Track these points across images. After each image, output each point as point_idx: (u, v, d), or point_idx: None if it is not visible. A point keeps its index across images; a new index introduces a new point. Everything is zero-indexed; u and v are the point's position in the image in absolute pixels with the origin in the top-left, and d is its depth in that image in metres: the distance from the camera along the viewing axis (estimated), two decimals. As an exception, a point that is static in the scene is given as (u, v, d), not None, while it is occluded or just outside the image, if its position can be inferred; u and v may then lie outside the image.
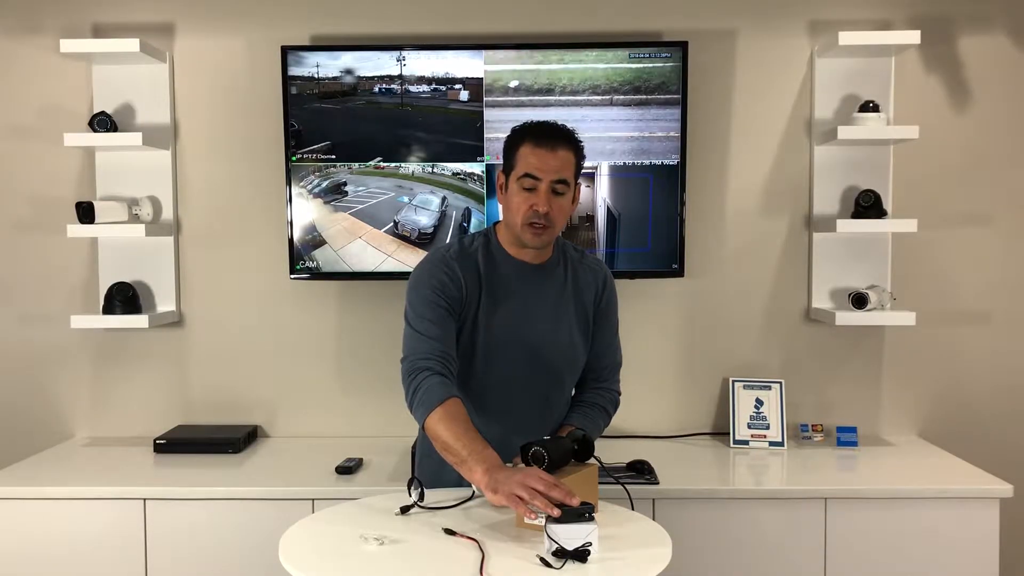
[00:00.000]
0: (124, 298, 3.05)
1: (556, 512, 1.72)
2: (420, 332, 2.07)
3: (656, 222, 3.04)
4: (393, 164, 3.03)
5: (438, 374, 2.01)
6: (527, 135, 2.09)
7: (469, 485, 2.00)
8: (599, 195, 3.03)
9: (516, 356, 2.15)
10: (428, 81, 3.01)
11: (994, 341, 3.17)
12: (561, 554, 1.68)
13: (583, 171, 2.17)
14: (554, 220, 2.08)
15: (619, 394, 2.32)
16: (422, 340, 2.06)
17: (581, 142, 2.14)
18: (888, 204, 3.06)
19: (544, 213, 2.06)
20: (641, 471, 2.66)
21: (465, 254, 2.15)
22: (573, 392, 2.31)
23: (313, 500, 2.59)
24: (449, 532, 1.83)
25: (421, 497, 1.99)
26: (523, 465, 1.92)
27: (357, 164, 3.03)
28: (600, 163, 3.01)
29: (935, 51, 3.11)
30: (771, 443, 3.01)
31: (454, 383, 2.04)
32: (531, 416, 2.18)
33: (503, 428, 2.14)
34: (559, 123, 2.13)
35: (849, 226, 2.97)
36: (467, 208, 3.03)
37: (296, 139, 3.02)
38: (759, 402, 3.06)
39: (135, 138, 2.98)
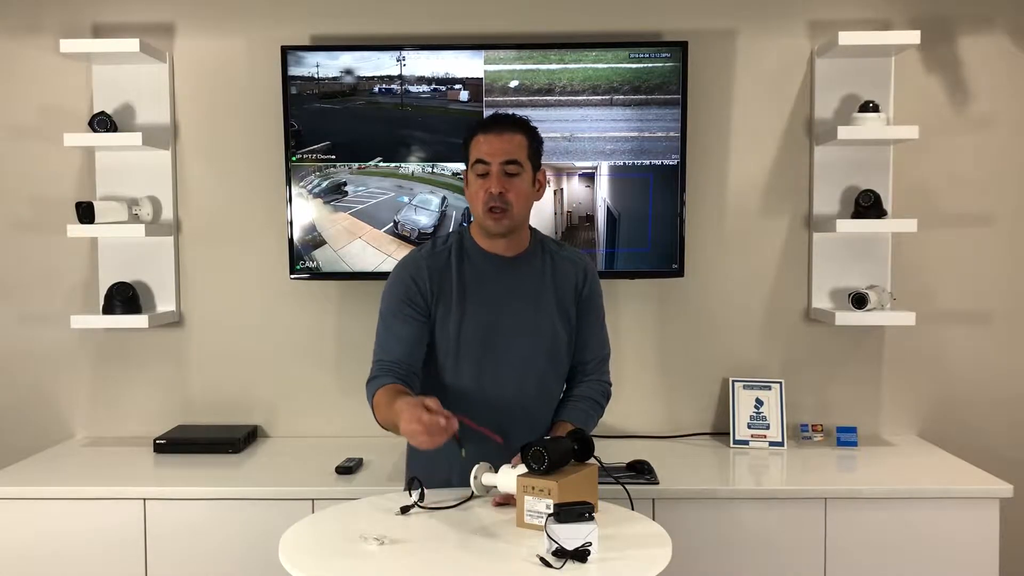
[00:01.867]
0: (124, 298, 3.05)
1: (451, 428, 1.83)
2: (380, 343, 2.18)
3: (656, 222, 3.03)
4: (393, 164, 3.03)
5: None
6: (478, 128, 2.17)
7: (465, 485, 2.01)
8: (599, 195, 3.03)
9: (495, 349, 2.16)
10: (428, 81, 3.01)
11: (994, 341, 3.17)
12: (561, 554, 1.68)
13: (584, 171, 2.18)
14: (512, 203, 2.11)
15: (610, 385, 2.34)
16: (380, 350, 2.18)
17: (535, 127, 2.19)
18: (888, 204, 3.06)
19: (499, 194, 2.09)
20: (641, 471, 2.66)
21: (436, 253, 2.21)
22: (564, 385, 2.32)
23: (313, 500, 2.59)
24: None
25: (421, 497, 1.99)
26: (521, 465, 1.92)
27: (357, 164, 3.03)
28: (600, 163, 3.01)
29: (935, 51, 3.11)
30: (771, 443, 3.01)
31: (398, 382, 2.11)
32: (517, 409, 2.18)
33: (492, 424, 2.14)
34: (511, 112, 2.21)
35: (849, 226, 2.97)
36: (467, 208, 3.02)
37: (296, 139, 3.02)
38: (759, 402, 3.06)
39: (135, 138, 2.98)
